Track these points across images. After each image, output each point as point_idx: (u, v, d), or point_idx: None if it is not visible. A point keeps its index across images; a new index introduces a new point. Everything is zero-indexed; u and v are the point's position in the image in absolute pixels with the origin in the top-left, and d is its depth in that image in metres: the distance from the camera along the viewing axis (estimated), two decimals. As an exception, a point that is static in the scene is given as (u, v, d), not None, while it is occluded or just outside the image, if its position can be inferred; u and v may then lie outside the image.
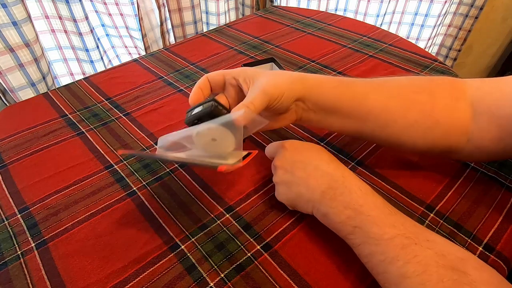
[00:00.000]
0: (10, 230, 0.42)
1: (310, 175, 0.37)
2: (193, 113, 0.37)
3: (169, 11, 0.96)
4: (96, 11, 0.90)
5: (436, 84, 0.42)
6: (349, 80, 0.43)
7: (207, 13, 1.10)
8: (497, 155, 0.41)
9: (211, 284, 0.36)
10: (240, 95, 0.43)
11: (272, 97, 0.38)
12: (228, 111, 0.38)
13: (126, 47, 0.98)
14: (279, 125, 0.45)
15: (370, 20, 1.24)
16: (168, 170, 0.50)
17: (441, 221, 0.42)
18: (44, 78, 0.74)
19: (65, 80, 0.94)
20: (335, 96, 0.41)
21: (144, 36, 0.92)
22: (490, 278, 0.28)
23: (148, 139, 0.55)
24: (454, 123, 0.40)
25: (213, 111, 0.36)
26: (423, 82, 0.42)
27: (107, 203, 0.45)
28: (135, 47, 0.97)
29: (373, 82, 0.42)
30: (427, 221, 0.42)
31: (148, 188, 0.47)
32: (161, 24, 0.97)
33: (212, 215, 0.43)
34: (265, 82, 0.39)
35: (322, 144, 0.53)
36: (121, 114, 0.60)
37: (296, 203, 0.40)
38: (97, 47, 0.89)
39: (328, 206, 0.36)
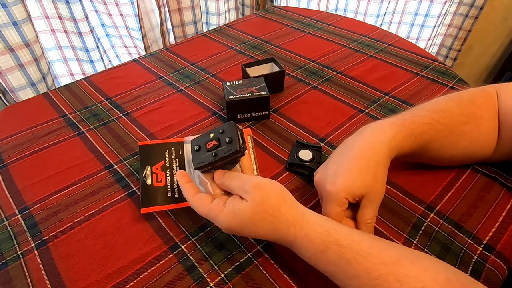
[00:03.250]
0: (10, 230, 0.42)
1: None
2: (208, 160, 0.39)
3: (169, 11, 0.96)
4: (96, 11, 0.90)
5: (477, 106, 0.44)
6: (419, 128, 0.41)
7: (207, 13, 1.10)
8: None
9: (211, 284, 0.36)
10: None
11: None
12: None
13: (126, 47, 0.98)
14: None
15: (370, 20, 1.24)
16: (168, 170, 0.50)
17: (441, 221, 0.42)
18: (44, 78, 0.74)
19: (65, 80, 0.94)
20: (407, 153, 0.42)
21: (144, 36, 0.92)
22: None
23: (148, 139, 0.55)
24: (492, 140, 0.44)
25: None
26: (469, 108, 0.44)
27: (107, 203, 0.45)
28: (135, 47, 0.97)
29: (435, 121, 0.42)
30: (427, 221, 0.42)
31: (148, 188, 0.47)
32: (161, 24, 0.97)
33: (212, 215, 0.43)
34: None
35: (322, 144, 0.53)
36: (121, 114, 0.60)
37: None
38: (97, 47, 0.89)
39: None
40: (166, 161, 0.46)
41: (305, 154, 0.48)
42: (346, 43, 0.81)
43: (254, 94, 0.55)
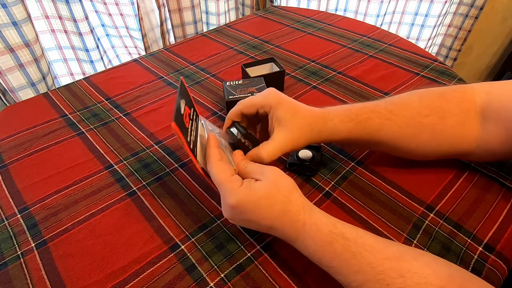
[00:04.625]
0: (10, 230, 0.42)
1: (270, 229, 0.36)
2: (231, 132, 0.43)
3: (169, 11, 0.96)
4: (96, 11, 0.90)
5: (447, 100, 0.42)
6: (364, 115, 0.42)
7: (207, 13, 1.10)
8: (506, 156, 0.42)
9: (211, 284, 0.36)
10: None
11: (287, 150, 0.41)
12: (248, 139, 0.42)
13: (126, 47, 0.98)
14: None
15: (370, 20, 1.24)
16: (168, 170, 0.50)
17: (441, 221, 0.42)
18: (44, 78, 0.74)
19: (65, 80, 0.94)
20: (351, 137, 0.43)
21: (144, 36, 0.92)
22: None
23: (148, 139, 0.55)
24: (463, 135, 0.42)
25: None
26: (434, 100, 0.43)
27: (107, 203, 0.45)
28: (135, 47, 0.97)
29: (387, 111, 0.42)
30: (427, 221, 0.42)
31: (148, 188, 0.47)
32: (161, 24, 0.97)
33: (212, 215, 0.43)
34: (286, 137, 0.40)
35: (322, 143, 0.53)
36: (121, 114, 0.60)
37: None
38: (97, 47, 0.90)
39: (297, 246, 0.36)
40: (191, 115, 0.41)
41: (305, 154, 0.48)
42: (346, 43, 0.81)
43: (254, 94, 0.55)
